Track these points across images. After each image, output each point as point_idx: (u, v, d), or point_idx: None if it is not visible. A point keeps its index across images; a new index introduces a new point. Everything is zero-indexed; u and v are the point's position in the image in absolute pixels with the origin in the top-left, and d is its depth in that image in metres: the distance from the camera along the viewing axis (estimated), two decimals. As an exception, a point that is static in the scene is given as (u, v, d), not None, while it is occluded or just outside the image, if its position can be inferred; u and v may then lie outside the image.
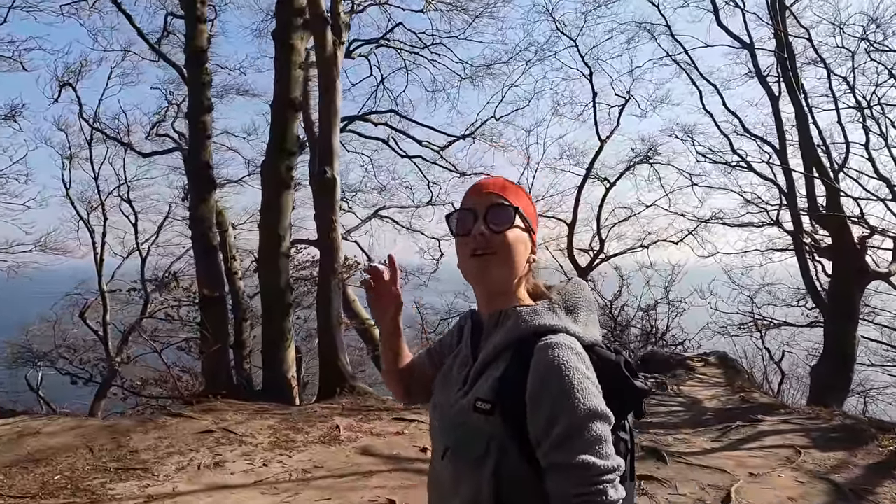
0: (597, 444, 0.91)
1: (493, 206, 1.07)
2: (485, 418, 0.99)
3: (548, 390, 0.93)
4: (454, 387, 1.12)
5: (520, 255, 1.08)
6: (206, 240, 6.86)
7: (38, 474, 4.47)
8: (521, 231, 1.09)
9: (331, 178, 6.70)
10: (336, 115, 6.78)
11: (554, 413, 0.92)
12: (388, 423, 5.91)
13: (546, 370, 0.94)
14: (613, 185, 12.49)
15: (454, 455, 1.03)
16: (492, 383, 1.01)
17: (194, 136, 6.97)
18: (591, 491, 0.88)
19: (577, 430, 0.91)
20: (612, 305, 14.33)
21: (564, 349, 0.96)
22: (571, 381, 0.92)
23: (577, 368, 0.94)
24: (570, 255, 12.67)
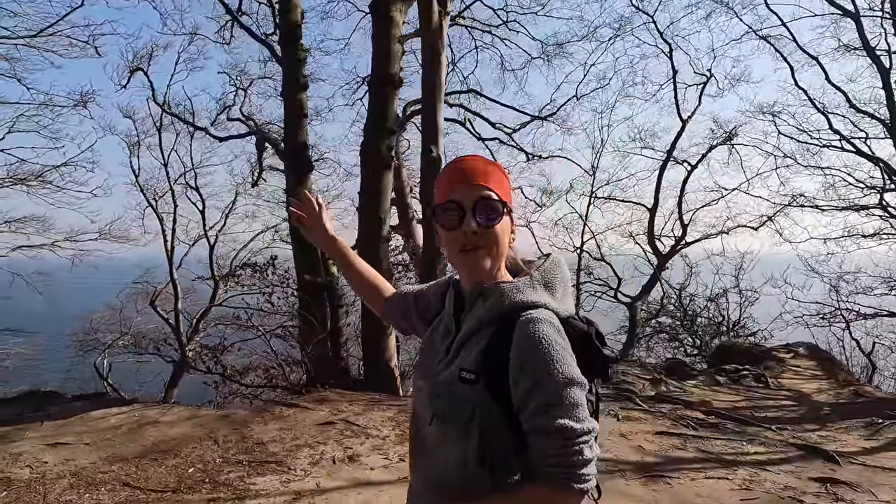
0: (573, 409, 1.00)
1: (481, 201, 1.11)
2: (469, 387, 1.06)
3: (529, 361, 1.01)
4: (437, 356, 1.20)
5: (506, 242, 1.15)
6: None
7: (169, 467, 4.26)
8: (506, 219, 1.15)
9: (436, 158, 6.34)
10: (441, 90, 6.41)
11: (535, 382, 1.00)
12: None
13: (528, 343, 1.02)
14: (695, 167, 11.91)
15: (441, 421, 1.10)
16: (476, 355, 1.08)
17: (290, 115, 6.68)
18: (570, 451, 0.98)
19: (556, 397, 0.99)
20: (680, 294, 13.79)
21: (544, 323, 1.04)
22: (550, 352, 1.00)
23: (556, 341, 1.02)
24: (650, 240, 12.16)
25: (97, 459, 4.35)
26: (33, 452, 4.45)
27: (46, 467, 4.20)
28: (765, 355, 11.67)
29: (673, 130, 37.83)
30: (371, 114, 6.67)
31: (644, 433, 5.19)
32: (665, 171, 11.77)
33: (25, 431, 4.92)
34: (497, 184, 1.14)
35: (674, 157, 12.25)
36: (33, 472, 4.13)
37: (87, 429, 4.98)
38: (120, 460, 4.34)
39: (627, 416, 5.67)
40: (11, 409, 5.56)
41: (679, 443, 4.96)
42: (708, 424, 5.55)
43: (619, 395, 6.55)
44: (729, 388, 8.36)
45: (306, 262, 6.54)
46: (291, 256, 6.97)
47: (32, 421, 5.19)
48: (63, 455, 4.42)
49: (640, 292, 12.20)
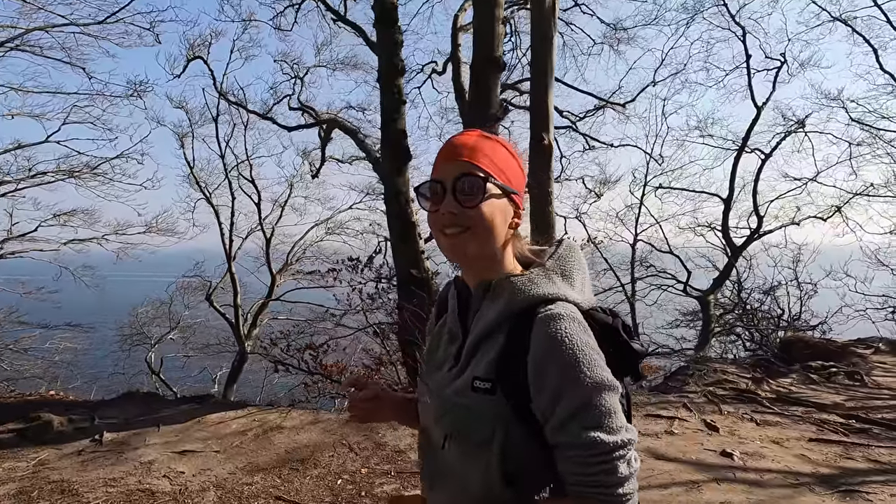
0: (605, 417, 0.87)
1: (461, 178, 0.97)
2: (486, 398, 0.94)
3: (552, 365, 0.89)
4: (444, 364, 1.07)
5: (498, 226, 0.99)
6: (405, 215, 6.26)
7: (315, 477, 3.97)
8: (498, 199, 0.99)
9: (548, 146, 5.96)
10: (552, 74, 6.02)
11: (559, 389, 0.88)
12: (642, 419, 5.22)
13: (548, 343, 0.89)
14: (769, 156, 11.41)
15: (457, 441, 0.97)
16: (490, 360, 0.95)
17: (388, 102, 6.33)
18: (605, 468, 0.86)
19: (583, 406, 0.87)
20: (739, 287, 13.36)
21: (566, 320, 0.91)
22: (575, 353, 0.88)
23: (581, 339, 0.89)
24: (724, 232, 11.71)
25: (235, 469, 4.07)
26: (164, 461, 4.18)
27: (185, 478, 3.92)
28: (841, 351, 11.21)
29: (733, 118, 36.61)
30: (472, 98, 6.32)
31: (796, 440, 4.83)
32: (739, 161, 11.25)
33: (144, 437, 4.66)
34: (488, 159, 0.99)
35: (740, 145, 11.77)
36: (173, 483, 3.85)
37: (209, 434, 4.71)
38: (259, 470, 4.06)
39: (765, 421, 5.32)
40: (117, 413, 5.30)
41: (842, 451, 4.59)
42: (855, 430, 5.18)
43: (734, 397, 6.19)
44: (826, 387, 7.95)
45: (409, 255, 6.21)
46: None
47: (146, 425, 4.93)
48: (197, 464, 4.14)
49: (713, 285, 11.79)
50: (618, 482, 0.87)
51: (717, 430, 4.95)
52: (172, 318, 14.82)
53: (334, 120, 9.11)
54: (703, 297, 11.67)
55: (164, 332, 14.43)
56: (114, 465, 4.12)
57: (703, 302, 11.65)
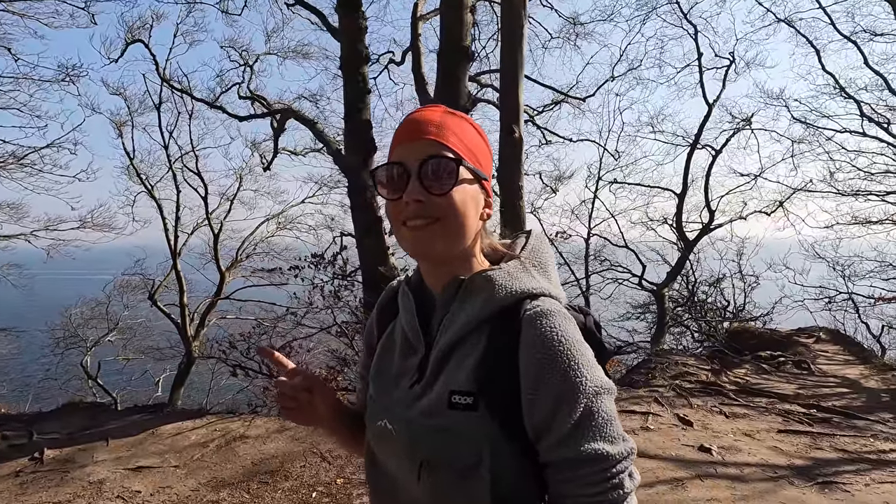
0: (608, 426, 0.77)
1: (429, 160, 0.82)
2: (467, 415, 0.79)
3: (549, 370, 0.76)
4: (400, 380, 0.90)
5: (471, 216, 0.85)
6: (370, 210, 5.99)
7: (287, 491, 3.71)
8: (470, 185, 0.85)
9: (518, 138, 5.83)
10: (522, 66, 5.88)
11: (560, 397, 0.75)
12: (617, 416, 5.18)
13: (543, 345, 0.77)
14: (720, 152, 11.74)
15: (435, 471, 0.80)
16: (469, 370, 0.80)
17: (351, 91, 6.02)
18: (607, 488, 0.75)
19: (586, 415, 0.76)
20: (694, 280, 13.78)
21: (558, 317, 0.79)
22: (574, 354, 0.76)
23: (576, 338, 0.78)
24: (678, 227, 11.97)
25: (198, 485, 3.75)
26: (117, 479, 3.81)
27: (142, 497, 3.58)
28: (785, 340, 11.70)
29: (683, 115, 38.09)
30: (441, 90, 6.11)
31: (765, 432, 4.92)
32: (692, 157, 11.52)
33: (91, 453, 4.24)
34: (457, 139, 0.85)
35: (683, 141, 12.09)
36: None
37: (166, 447, 4.34)
38: (225, 485, 3.76)
39: (734, 413, 5.40)
40: (58, 426, 4.83)
41: (810, 441, 4.70)
42: (818, 419, 5.33)
43: (700, 389, 6.28)
44: (777, 377, 8.22)
45: (375, 251, 5.95)
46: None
47: (92, 440, 4.50)
48: (155, 481, 3.79)
49: (667, 278, 12.05)
50: (626, 495, 0.77)
51: (691, 424, 4.97)
52: (110, 319, 13.93)
53: (290, 110, 8.69)
54: (657, 290, 11.91)
55: (101, 335, 13.55)
56: (58, 487, 3.72)
57: (657, 295, 11.91)
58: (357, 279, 6.31)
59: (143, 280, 12.68)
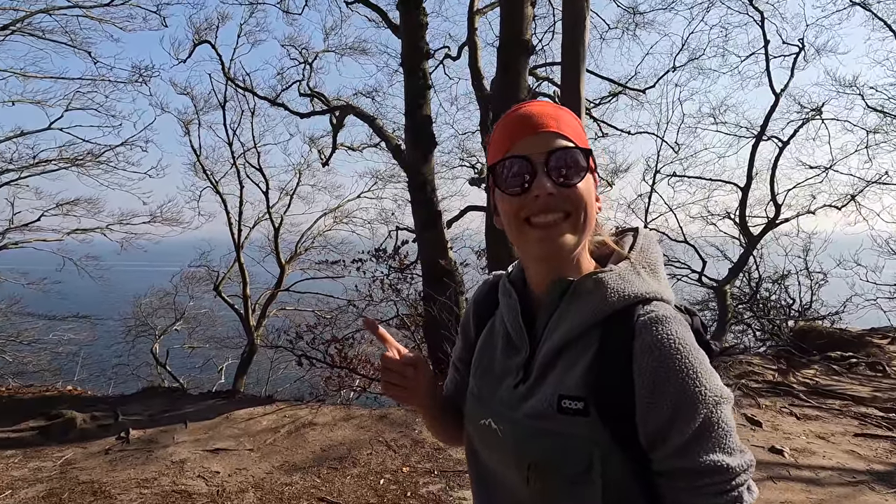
0: (727, 437, 0.74)
1: (556, 152, 0.80)
2: (578, 420, 0.77)
3: (667, 378, 0.72)
4: (503, 379, 0.89)
5: (592, 210, 0.82)
6: (430, 204, 6.07)
7: (356, 477, 3.82)
8: (591, 177, 0.82)
9: (579, 132, 5.80)
10: (584, 60, 5.82)
11: (678, 406, 0.72)
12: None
13: (661, 352, 0.73)
14: (787, 144, 11.24)
15: (544, 474, 0.79)
16: (580, 374, 0.78)
17: (413, 86, 6.11)
18: (726, 500, 0.72)
19: (707, 425, 0.73)
20: (758, 277, 13.26)
21: (675, 323, 0.75)
22: (692, 362, 0.73)
23: (695, 346, 0.74)
24: (741, 221, 11.55)
25: (272, 468, 3.91)
26: (197, 460, 4.02)
27: (221, 478, 3.77)
28: (857, 341, 11.12)
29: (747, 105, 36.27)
30: (500, 85, 6.11)
31: (840, 435, 4.72)
32: (757, 149, 11.06)
33: (172, 434, 4.49)
34: (574, 132, 0.83)
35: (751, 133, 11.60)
36: (209, 484, 3.70)
37: (239, 431, 4.55)
38: (297, 469, 3.91)
39: (805, 415, 5.20)
40: (140, 409, 5.13)
41: (890, 446, 4.48)
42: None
43: (768, 389, 6.07)
44: (849, 378, 7.84)
45: (436, 244, 6.02)
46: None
47: (172, 422, 4.76)
48: (231, 463, 3.98)
49: (729, 275, 11.65)
50: None
51: (760, 425, 4.83)
52: (177, 309, 14.62)
53: (350, 106, 8.87)
54: (718, 287, 11.53)
55: (168, 324, 14.24)
56: (144, 465, 3.96)
57: (718, 292, 11.53)
58: (416, 272, 6.41)
59: (208, 272, 13.23)
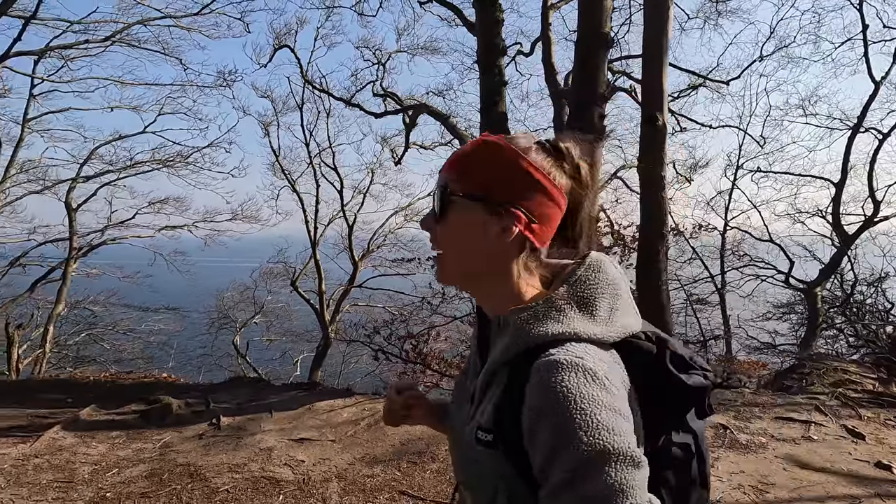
0: (605, 497, 0.66)
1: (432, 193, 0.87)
2: (488, 452, 0.79)
3: (544, 424, 0.70)
4: (466, 399, 0.93)
5: (469, 242, 0.83)
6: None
7: (435, 472, 3.86)
8: (473, 211, 0.82)
9: (661, 126, 5.60)
10: (667, 51, 5.63)
11: (551, 455, 0.69)
12: (772, 422, 4.82)
13: (540, 400, 0.72)
14: (887, 136, 10.40)
15: (468, 493, 0.89)
16: (492, 408, 0.80)
17: (489, 83, 6.11)
18: None
19: (577, 479, 0.67)
20: (854, 280, 12.35)
21: (568, 370, 0.71)
22: (573, 413, 0.69)
23: (583, 395, 0.70)
24: (835, 220, 10.83)
25: (353, 460, 4.01)
26: (283, 448, 4.18)
27: (306, 467, 3.89)
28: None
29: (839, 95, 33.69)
30: (579, 78, 5.99)
31: (957, 452, 4.31)
32: (854, 141, 10.32)
33: (259, 423, 4.69)
34: (464, 170, 0.84)
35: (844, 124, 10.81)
36: (295, 472, 3.83)
37: (322, 422, 4.69)
38: (378, 462, 3.99)
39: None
40: (228, 397, 5.39)
41: None
42: None
43: (870, 400, 5.64)
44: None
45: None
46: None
47: (258, 411, 4.98)
48: (315, 453, 4.11)
49: (820, 276, 10.93)
50: None
51: (863, 437, 4.49)
52: (256, 303, 15.29)
53: (423, 105, 8.96)
54: (808, 289, 10.85)
55: (248, 317, 14.92)
56: (234, 451, 4.15)
57: (808, 294, 10.84)
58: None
59: (285, 268, 13.77)
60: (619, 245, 7.15)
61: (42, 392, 5.65)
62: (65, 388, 5.76)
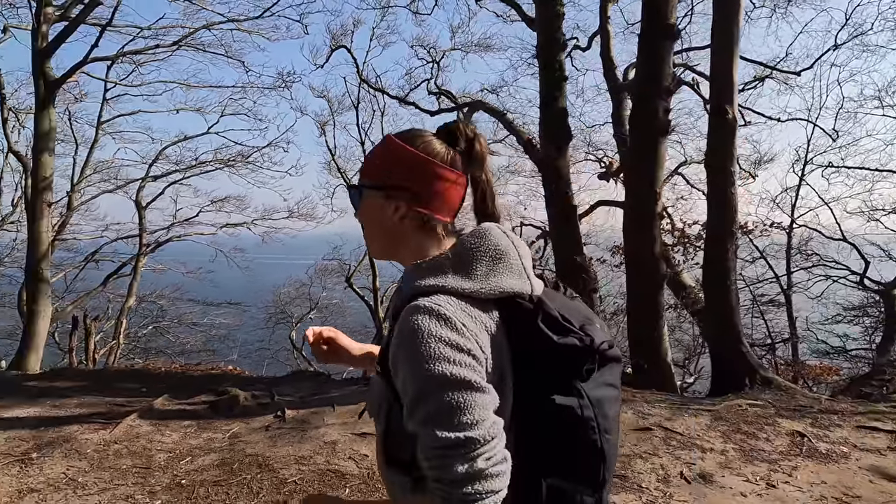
0: (445, 413, 0.83)
1: None
2: (377, 380, 1.01)
3: (398, 357, 0.88)
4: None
5: (375, 224, 1.04)
6: (566, 199, 5.95)
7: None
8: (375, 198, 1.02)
9: (732, 119, 5.38)
10: (738, 39, 5.40)
11: (405, 379, 0.87)
12: (854, 431, 4.55)
13: (399, 336, 0.89)
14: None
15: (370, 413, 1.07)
16: (383, 346, 0.98)
17: (549, 78, 6.02)
18: (437, 465, 0.83)
19: (422, 399, 0.84)
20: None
21: (423, 313, 0.87)
22: (419, 346, 0.84)
23: (431, 332, 0.85)
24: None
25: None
26: (346, 442, 4.23)
27: (370, 462, 3.93)
28: None
29: None
30: (643, 70, 5.84)
31: None
32: None
33: (322, 416, 4.77)
34: (369, 165, 1.04)
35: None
36: (359, 466, 3.87)
37: (383, 418, 4.73)
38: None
39: None
40: (291, 390, 5.51)
41: None
42: None
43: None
44: None
45: (571, 240, 5.89)
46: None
47: (321, 405, 5.07)
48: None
49: (897, 278, 10.30)
50: (455, 479, 0.81)
51: (962, 451, 4.19)
52: (311, 299, 15.63)
53: (479, 102, 8.92)
54: (885, 290, 10.22)
55: (304, 312, 15.26)
56: (300, 443, 4.24)
57: (886, 296, 10.21)
58: (549, 269, 6.28)
59: (340, 265, 14.03)
60: (682, 244, 6.90)
61: (118, 381, 5.94)
62: (139, 378, 6.04)
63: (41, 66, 8.06)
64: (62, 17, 8.28)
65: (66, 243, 12.84)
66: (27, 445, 4.15)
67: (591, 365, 0.90)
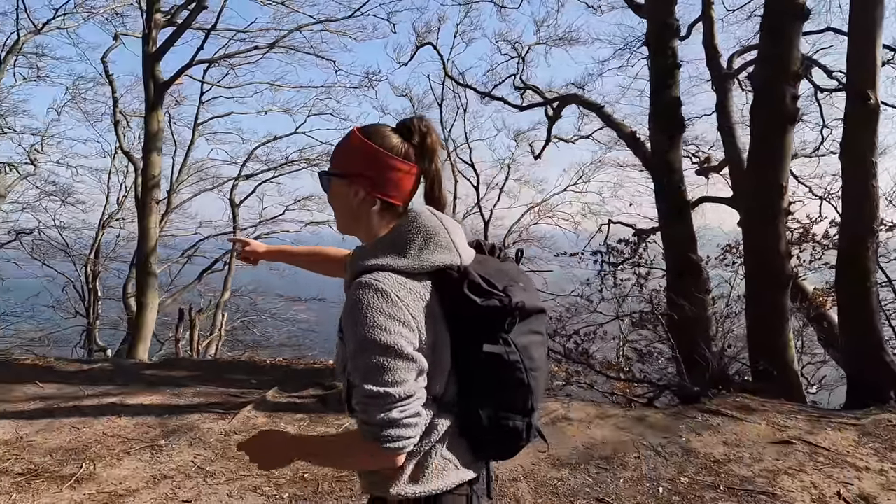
0: (371, 371, 1.01)
1: None
2: (339, 344, 1.16)
3: (346, 324, 1.05)
4: None
5: (340, 206, 1.21)
6: (678, 193, 5.61)
7: (628, 480, 3.60)
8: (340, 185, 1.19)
9: (874, 105, 4.89)
10: (880, 22, 4.91)
11: (349, 341, 1.05)
12: None
13: (346, 309, 1.06)
14: None
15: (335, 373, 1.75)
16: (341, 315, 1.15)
17: (661, 66, 5.71)
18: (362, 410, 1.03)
19: (357, 358, 1.02)
20: None
21: (365, 288, 1.04)
22: (358, 315, 1.02)
23: (369, 304, 1.01)
24: None
25: (537, 460, 3.85)
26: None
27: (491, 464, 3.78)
28: None
29: None
30: (768, 54, 5.41)
31: None
32: None
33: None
34: (335, 155, 1.21)
35: None
36: (480, 468, 3.73)
37: (495, 419, 4.59)
38: (564, 464, 3.80)
39: None
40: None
41: None
42: None
43: None
44: None
45: (683, 237, 5.54)
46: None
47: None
48: (496, 450, 3.99)
49: None
50: (373, 423, 1.01)
51: None
52: (390, 297, 15.78)
53: (573, 96, 8.62)
54: None
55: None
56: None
57: None
58: (658, 266, 5.98)
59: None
60: (808, 242, 6.37)
61: (228, 372, 6.10)
62: (247, 370, 6.18)
63: (152, 69, 8.48)
64: (169, 22, 8.69)
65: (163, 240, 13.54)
66: (155, 432, 4.28)
67: (512, 320, 1.05)
